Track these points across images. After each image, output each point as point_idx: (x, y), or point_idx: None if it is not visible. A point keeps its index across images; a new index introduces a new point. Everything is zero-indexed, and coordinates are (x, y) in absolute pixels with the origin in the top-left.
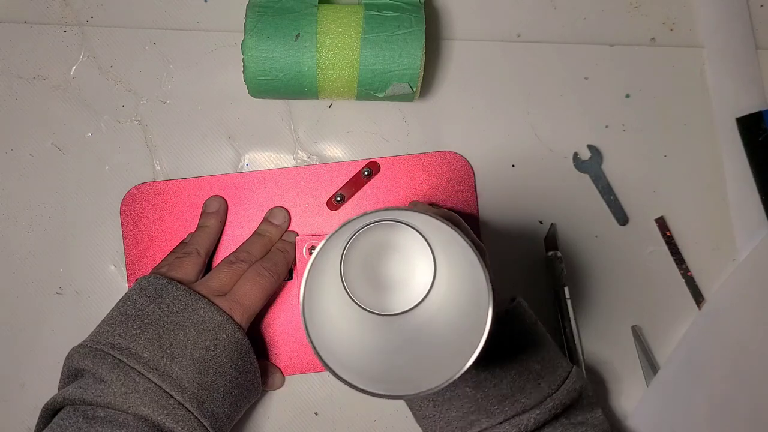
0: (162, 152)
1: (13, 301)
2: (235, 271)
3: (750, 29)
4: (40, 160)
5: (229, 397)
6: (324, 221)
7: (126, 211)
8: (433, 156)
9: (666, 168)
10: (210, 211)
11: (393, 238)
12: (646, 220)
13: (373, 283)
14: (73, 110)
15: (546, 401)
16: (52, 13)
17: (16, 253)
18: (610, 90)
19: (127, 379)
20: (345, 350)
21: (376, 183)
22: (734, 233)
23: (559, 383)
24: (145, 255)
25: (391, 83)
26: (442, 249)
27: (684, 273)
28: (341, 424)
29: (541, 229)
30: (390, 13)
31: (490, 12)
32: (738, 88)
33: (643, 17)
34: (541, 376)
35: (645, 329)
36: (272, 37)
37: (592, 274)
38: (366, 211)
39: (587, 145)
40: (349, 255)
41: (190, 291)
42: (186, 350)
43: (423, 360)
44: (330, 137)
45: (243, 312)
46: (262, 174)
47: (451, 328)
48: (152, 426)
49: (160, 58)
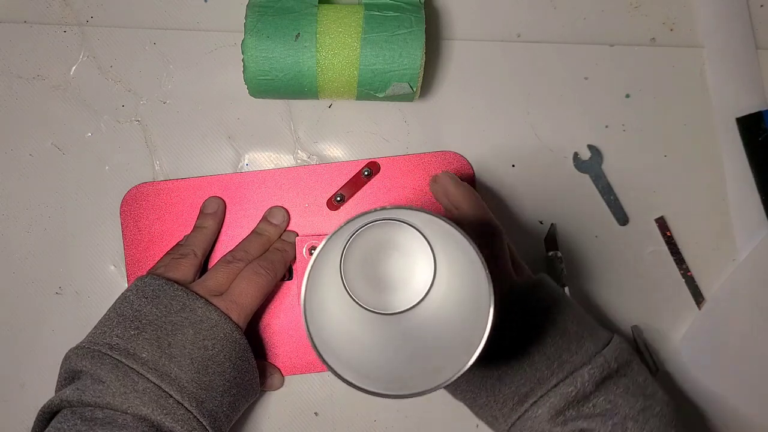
0: (162, 152)
1: (13, 301)
2: (232, 271)
3: (750, 29)
4: (40, 160)
5: (228, 396)
6: (324, 221)
7: (126, 211)
8: (433, 156)
9: (666, 168)
10: (208, 211)
11: (393, 236)
12: (646, 220)
13: (373, 282)
14: (73, 110)
15: (596, 357)
16: (52, 13)
17: (16, 253)
18: (610, 90)
19: (126, 379)
20: (346, 349)
21: (376, 183)
22: (734, 233)
23: (605, 342)
24: (145, 255)
25: (391, 83)
26: (442, 247)
27: (684, 273)
28: (341, 424)
29: (541, 229)
30: (390, 13)
31: (490, 12)
32: (738, 88)
33: (643, 17)
34: (584, 338)
35: (645, 329)
36: (272, 37)
37: (592, 274)
38: (365, 211)
39: (587, 145)
40: (350, 254)
41: (187, 291)
42: (184, 350)
43: (424, 358)
44: (330, 137)
45: (240, 311)
46: (262, 174)
47: (452, 326)
48: (151, 426)
49: (160, 58)
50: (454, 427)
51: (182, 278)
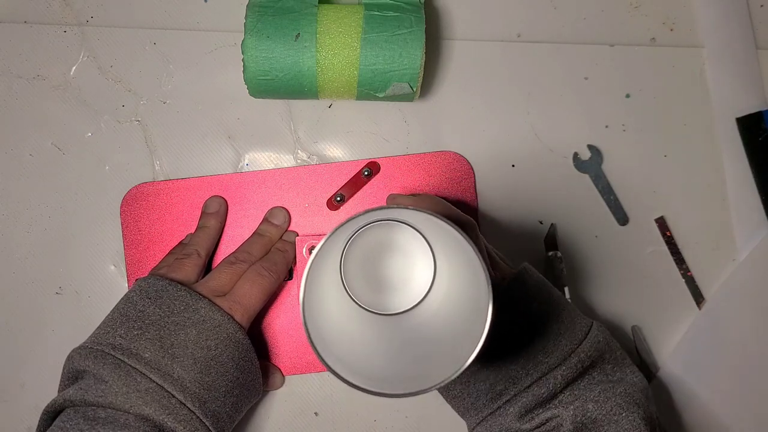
0: (162, 152)
1: (13, 301)
2: (235, 272)
3: (750, 29)
4: (40, 160)
5: (231, 396)
6: (324, 221)
7: (126, 211)
8: (433, 156)
9: (666, 168)
10: (210, 211)
11: (393, 237)
12: (646, 220)
13: (373, 282)
14: (73, 110)
15: (570, 357)
16: (52, 13)
17: (16, 253)
18: (610, 90)
19: (128, 379)
20: (345, 350)
21: (376, 183)
22: (734, 233)
23: (581, 338)
24: (145, 255)
25: (391, 83)
26: (441, 247)
27: (684, 273)
28: (341, 424)
29: (541, 229)
30: (390, 13)
31: (490, 12)
32: (738, 88)
33: (643, 17)
34: (561, 334)
35: (645, 329)
36: (272, 37)
37: (592, 274)
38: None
39: (587, 145)
40: (349, 255)
41: (190, 291)
42: (187, 350)
43: (424, 358)
44: (330, 137)
45: (243, 312)
46: (262, 174)
47: (451, 326)
48: (154, 426)
49: (160, 58)
50: (454, 427)
51: (185, 279)
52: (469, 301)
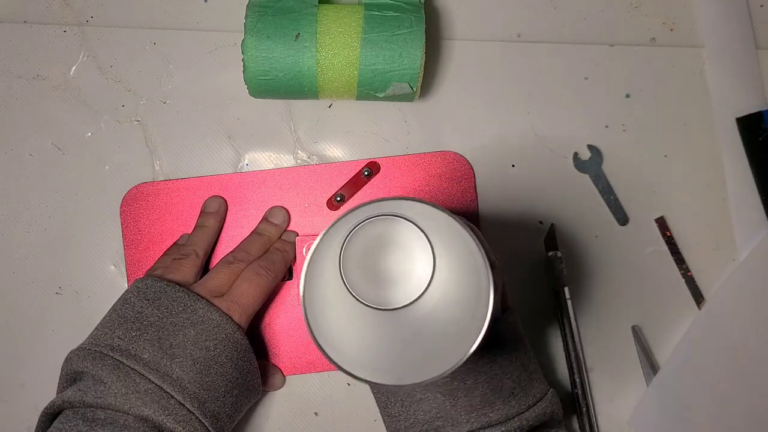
0: (162, 152)
1: (13, 301)
2: (233, 271)
3: (750, 29)
4: (40, 160)
5: (230, 396)
6: (324, 221)
7: (126, 211)
8: (433, 156)
9: (666, 168)
10: (209, 210)
11: (391, 232)
12: (646, 220)
13: (372, 277)
14: (73, 110)
15: (512, 420)
16: (52, 13)
17: (16, 253)
18: (610, 90)
19: (127, 380)
20: (346, 345)
21: (376, 183)
22: (734, 233)
23: (530, 404)
24: (145, 255)
25: (391, 83)
26: (440, 240)
27: (684, 273)
28: (341, 424)
29: (541, 229)
30: (390, 13)
31: (490, 12)
32: (738, 88)
33: (643, 17)
34: (514, 395)
35: (645, 329)
36: (272, 37)
37: (592, 274)
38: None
39: (587, 145)
40: (348, 250)
41: (188, 292)
42: (186, 351)
43: (423, 352)
44: (330, 137)
45: (242, 312)
46: (262, 174)
47: (452, 317)
48: (153, 427)
49: (160, 58)
50: None
51: (183, 279)
52: (469, 292)
